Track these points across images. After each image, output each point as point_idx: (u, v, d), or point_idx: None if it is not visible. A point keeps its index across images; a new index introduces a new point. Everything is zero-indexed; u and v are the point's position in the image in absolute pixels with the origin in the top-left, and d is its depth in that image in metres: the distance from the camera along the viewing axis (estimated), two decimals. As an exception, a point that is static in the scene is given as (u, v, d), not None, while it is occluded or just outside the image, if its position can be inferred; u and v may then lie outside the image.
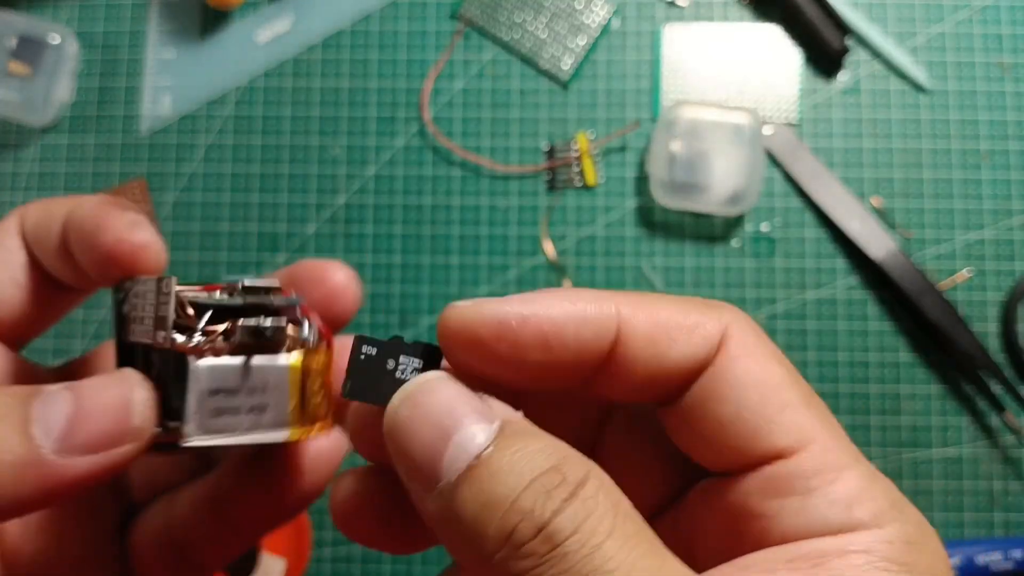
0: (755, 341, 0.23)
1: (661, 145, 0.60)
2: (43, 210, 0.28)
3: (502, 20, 0.65)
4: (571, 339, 0.22)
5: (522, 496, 0.20)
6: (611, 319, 0.22)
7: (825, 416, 0.23)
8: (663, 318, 0.23)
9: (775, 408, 0.22)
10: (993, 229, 0.61)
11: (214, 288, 0.25)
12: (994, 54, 0.63)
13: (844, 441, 0.23)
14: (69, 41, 0.64)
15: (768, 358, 0.23)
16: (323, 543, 0.61)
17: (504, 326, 0.22)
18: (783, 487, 0.22)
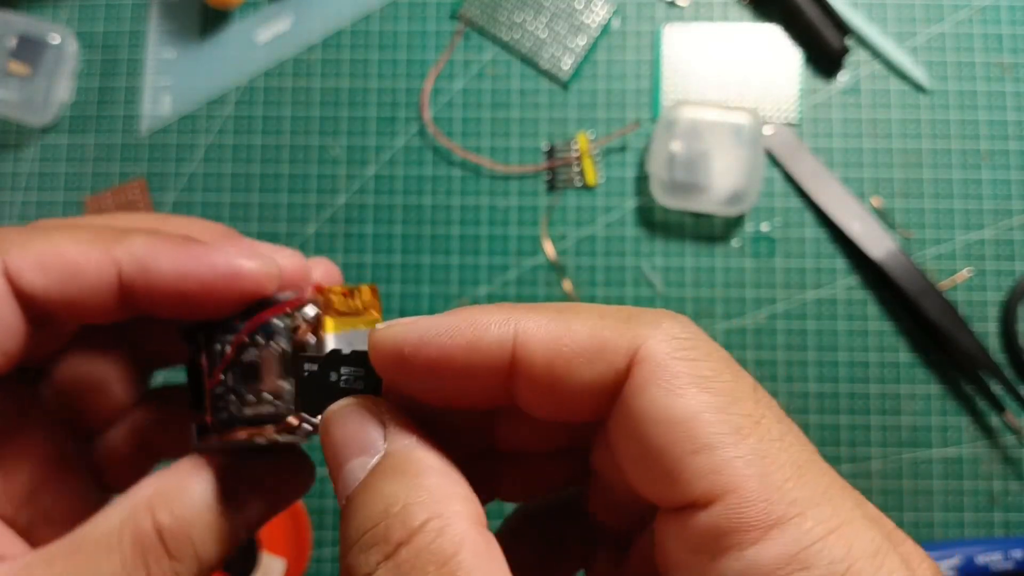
0: (673, 362, 0.20)
1: (661, 145, 0.60)
2: (57, 268, 0.24)
3: (502, 20, 0.65)
4: (460, 366, 0.22)
5: (351, 550, 0.20)
6: (504, 347, 0.21)
7: (764, 451, 0.19)
8: (566, 341, 0.21)
9: (685, 449, 0.19)
10: (993, 229, 0.61)
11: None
12: (994, 54, 0.63)
13: (787, 486, 0.18)
14: (69, 41, 0.64)
15: (686, 383, 0.19)
16: (323, 543, 0.61)
17: (397, 353, 0.22)
18: (702, 540, 0.19)
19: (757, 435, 0.19)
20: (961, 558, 0.57)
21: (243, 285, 0.25)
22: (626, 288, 0.62)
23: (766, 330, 0.61)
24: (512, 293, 0.62)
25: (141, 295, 0.24)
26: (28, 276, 0.24)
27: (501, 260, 0.63)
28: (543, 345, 0.21)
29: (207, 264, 0.24)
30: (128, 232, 0.25)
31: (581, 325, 0.21)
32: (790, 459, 0.19)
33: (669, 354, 0.20)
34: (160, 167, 0.65)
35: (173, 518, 0.24)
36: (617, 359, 0.20)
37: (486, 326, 0.21)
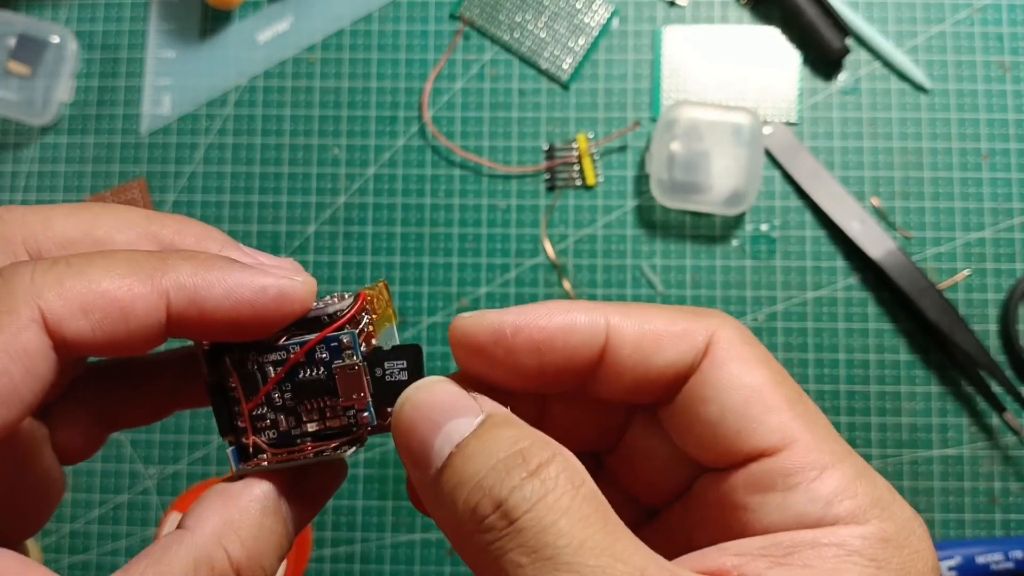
0: (742, 346, 0.25)
1: (661, 145, 0.60)
2: (100, 311, 0.22)
3: (502, 20, 0.65)
4: (560, 346, 0.24)
5: (486, 475, 0.21)
6: (599, 328, 0.24)
7: (811, 416, 0.24)
8: (651, 327, 0.25)
9: (759, 410, 0.24)
10: (993, 229, 0.61)
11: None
12: (994, 54, 0.63)
13: (830, 440, 0.24)
14: (69, 41, 0.65)
15: (754, 362, 0.24)
16: (323, 543, 0.61)
17: (500, 334, 0.24)
18: (765, 483, 0.23)
19: (802, 404, 0.24)
20: (961, 558, 0.57)
21: (292, 307, 0.25)
22: (626, 288, 0.62)
23: (766, 330, 0.61)
24: (512, 293, 0.62)
25: (191, 326, 0.24)
26: (71, 324, 0.22)
27: (501, 260, 0.63)
28: (633, 328, 0.25)
29: (257, 289, 0.24)
30: (169, 258, 0.24)
31: (661, 315, 0.25)
32: (824, 423, 0.24)
33: (739, 339, 0.25)
34: (160, 167, 0.65)
35: (245, 551, 0.24)
36: (698, 340, 0.25)
37: (580, 311, 0.25)
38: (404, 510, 0.61)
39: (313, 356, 0.25)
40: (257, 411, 0.26)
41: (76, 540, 0.62)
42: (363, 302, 0.26)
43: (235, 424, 0.26)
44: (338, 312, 0.25)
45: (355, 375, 0.25)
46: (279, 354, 0.25)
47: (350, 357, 0.25)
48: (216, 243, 0.27)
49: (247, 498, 0.24)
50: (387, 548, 0.61)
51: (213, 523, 0.24)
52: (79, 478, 0.63)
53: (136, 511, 0.62)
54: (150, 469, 0.63)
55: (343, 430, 0.26)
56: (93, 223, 0.25)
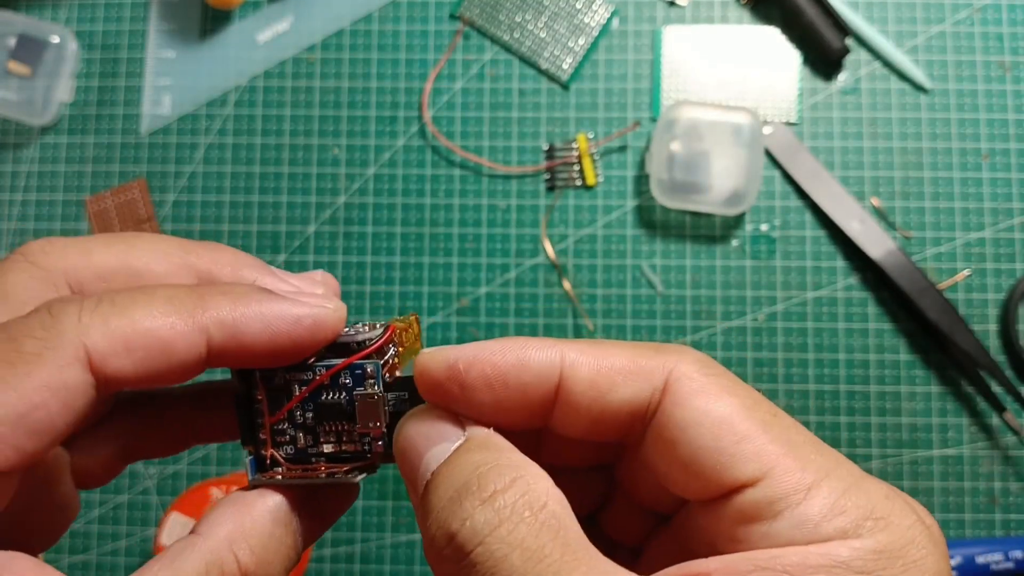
0: (703, 378, 0.24)
1: (661, 145, 0.60)
2: (142, 348, 0.23)
3: (502, 20, 0.65)
4: (513, 382, 0.24)
5: (444, 506, 0.22)
6: (553, 365, 0.24)
7: (789, 436, 0.23)
8: (607, 363, 0.24)
9: (730, 441, 0.23)
10: (993, 229, 0.61)
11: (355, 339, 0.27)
12: (994, 54, 0.63)
13: (814, 457, 0.23)
14: (69, 41, 0.65)
15: (719, 391, 0.24)
16: (323, 543, 0.61)
17: (453, 370, 0.24)
18: (751, 514, 0.22)
19: (778, 426, 0.23)
20: (961, 558, 0.57)
21: (325, 334, 0.25)
22: (626, 288, 0.62)
23: (766, 330, 0.61)
24: (512, 293, 0.62)
25: (230, 358, 0.25)
26: (114, 361, 0.23)
27: (501, 260, 0.63)
28: (587, 365, 0.24)
29: (293, 320, 0.25)
30: (207, 294, 0.24)
31: (618, 352, 0.24)
32: (806, 439, 0.23)
33: (699, 371, 0.24)
34: (160, 167, 0.65)
35: (255, 557, 0.24)
36: (654, 378, 0.24)
37: (534, 347, 0.24)
38: (404, 510, 0.61)
39: (337, 381, 0.26)
40: (278, 426, 0.27)
41: (76, 540, 0.62)
42: (391, 334, 0.27)
43: (256, 435, 0.27)
44: (366, 341, 0.26)
45: (373, 404, 0.26)
46: (306, 374, 0.26)
47: (371, 387, 0.26)
48: (251, 270, 0.28)
49: (260, 507, 0.25)
50: (387, 548, 0.61)
51: (226, 529, 0.24)
52: (79, 478, 0.63)
53: (136, 511, 0.62)
54: (150, 469, 0.63)
55: (356, 455, 0.27)
56: (129, 254, 0.26)
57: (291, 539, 0.25)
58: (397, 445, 0.25)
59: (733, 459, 0.23)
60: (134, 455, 0.29)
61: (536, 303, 0.62)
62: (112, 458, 0.29)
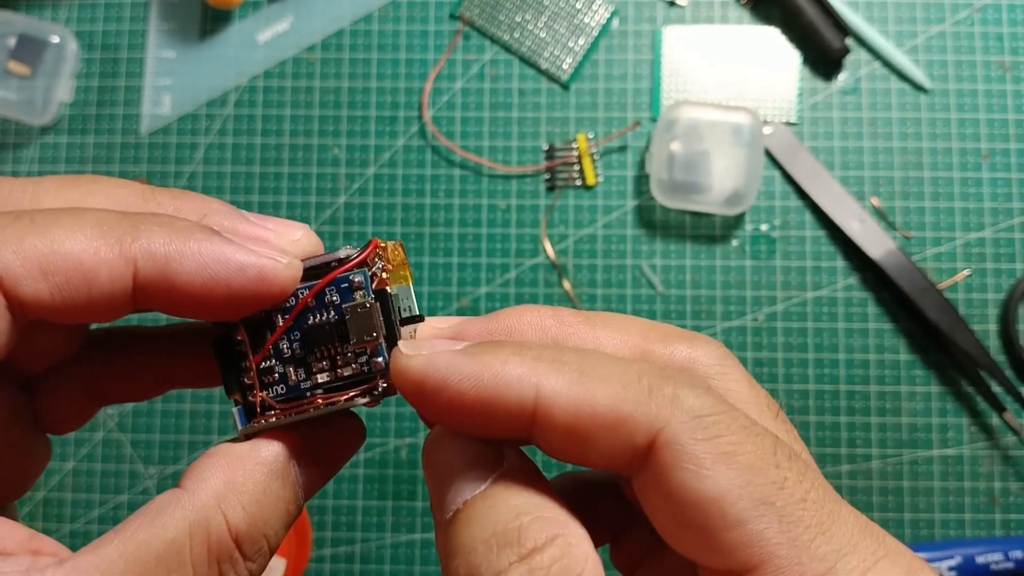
0: (696, 445, 0.20)
1: (661, 145, 0.60)
2: (62, 273, 0.21)
3: (502, 20, 0.65)
4: (479, 414, 0.22)
5: (476, 549, 0.20)
6: (524, 405, 0.21)
7: (792, 516, 0.20)
8: (588, 411, 0.21)
9: (718, 527, 0.20)
10: (993, 229, 0.61)
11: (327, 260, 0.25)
12: (994, 54, 0.63)
13: (814, 545, 0.20)
14: (69, 41, 0.65)
15: (713, 463, 0.20)
16: (323, 543, 0.61)
17: (421, 388, 0.22)
18: None
19: (782, 500, 0.20)
20: (961, 558, 0.57)
21: (270, 290, 0.23)
22: (626, 288, 0.62)
23: (766, 330, 0.61)
24: (512, 293, 0.62)
25: (157, 298, 0.22)
26: (28, 285, 0.20)
27: (501, 260, 0.63)
28: (563, 412, 0.21)
29: (235, 267, 0.22)
30: (142, 222, 0.22)
31: (603, 393, 0.21)
32: (815, 518, 0.20)
33: (691, 436, 0.20)
34: (160, 167, 0.65)
35: (247, 516, 0.22)
36: (637, 437, 0.21)
37: (508, 382, 0.21)
38: (404, 510, 0.61)
39: (323, 299, 0.24)
40: (264, 364, 0.25)
41: (76, 540, 0.62)
42: (375, 247, 0.25)
43: (241, 380, 0.25)
44: (349, 256, 0.24)
45: (367, 314, 0.24)
46: (288, 301, 0.24)
47: (361, 297, 0.24)
48: (220, 216, 0.24)
49: (253, 460, 0.23)
50: (387, 548, 0.61)
51: (213, 484, 0.22)
52: (79, 478, 0.63)
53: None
54: (150, 469, 0.63)
55: (356, 379, 0.24)
56: (83, 201, 0.23)
57: (290, 492, 0.23)
58: (432, 456, 0.23)
59: (719, 546, 0.20)
60: (104, 398, 0.27)
61: (536, 303, 0.62)
62: (80, 401, 0.27)
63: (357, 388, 0.24)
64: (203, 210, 0.24)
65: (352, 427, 0.26)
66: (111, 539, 0.21)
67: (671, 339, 0.24)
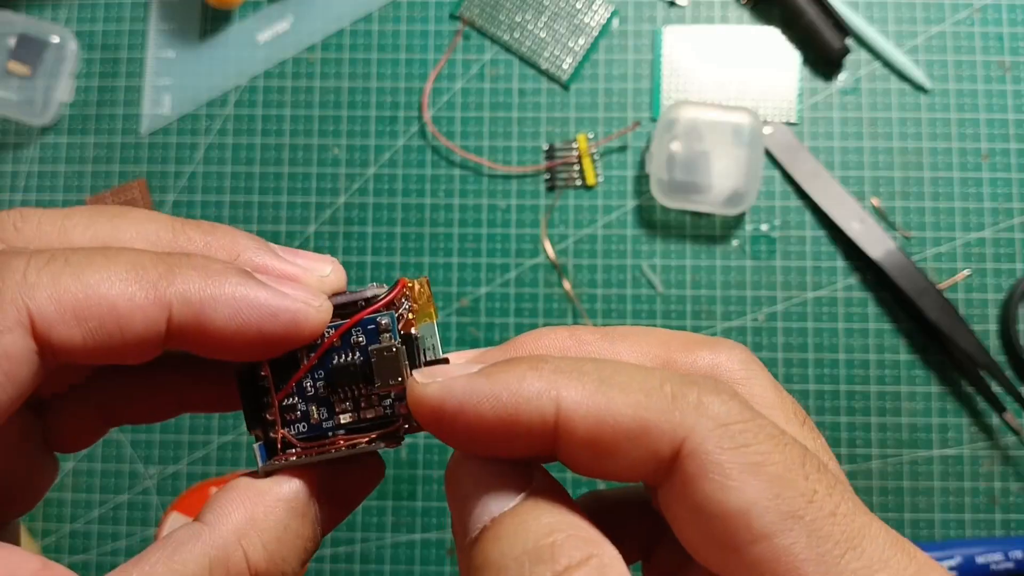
0: (722, 454, 0.20)
1: (661, 145, 0.60)
2: (95, 318, 0.20)
3: (502, 20, 0.65)
4: (500, 435, 0.21)
5: (508, 567, 0.19)
6: (545, 421, 0.21)
7: (821, 532, 0.20)
8: (609, 422, 0.20)
9: (744, 539, 0.20)
10: (993, 229, 0.61)
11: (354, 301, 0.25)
12: (994, 54, 0.63)
13: (842, 563, 0.19)
14: (69, 41, 0.65)
15: (740, 473, 0.20)
16: (323, 543, 0.61)
17: (440, 415, 0.22)
18: None
19: (811, 514, 0.20)
20: (961, 558, 0.57)
21: (301, 335, 0.23)
22: (626, 288, 0.62)
23: (766, 330, 0.61)
24: (512, 293, 0.62)
25: (191, 342, 0.22)
26: (61, 330, 0.20)
27: (501, 260, 0.63)
28: (585, 424, 0.21)
29: (268, 314, 0.22)
30: (177, 265, 0.22)
31: (624, 402, 0.21)
32: (844, 533, 0.20)
33: (717, 445, 0.20)
34: (160, 167, 0.65)
35: (267, 553, 0.22)
36: (661, 447, 0.20)
37: (527, 397, 0.21)
38: (404, 510, 0.61)
39: (348, 340, 0.24)
40: (287, 401, 0.24)
41: (76, 540, 0.62)
42: (403, 288, 0.24)
43: (263, 416, 0.24)
44: (376, 296, 0.24)
45: (393, 358, 0.23)
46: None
47: (388, 340, 0.24)
48: (247, 252, 0.24)
49: (273, 496, 0.23)
50: (387, 548, 0.61)
51: (235, 520, 0.22)
52: (79, 478, 0.63)
53: (136, 511, 0.62)
54: (150, 469, 0.63)
55: (379, 421, 0.24)
56: (113, 235, 0.23)
57: (308, 530, 0.23)
58: (449, 477, 0.22)
59: (745, 559, 0.20)
60: (116, 419, 0.27)
61: (536, 303, 0.62)
62: (92, 421, 0.26)
63: (380, 430, 0.24)
64: (234, 247, 0.24)
65: (373, 466, 0.26)
66: (129, 572, 0.21)
67: (693, 346, 0.24)
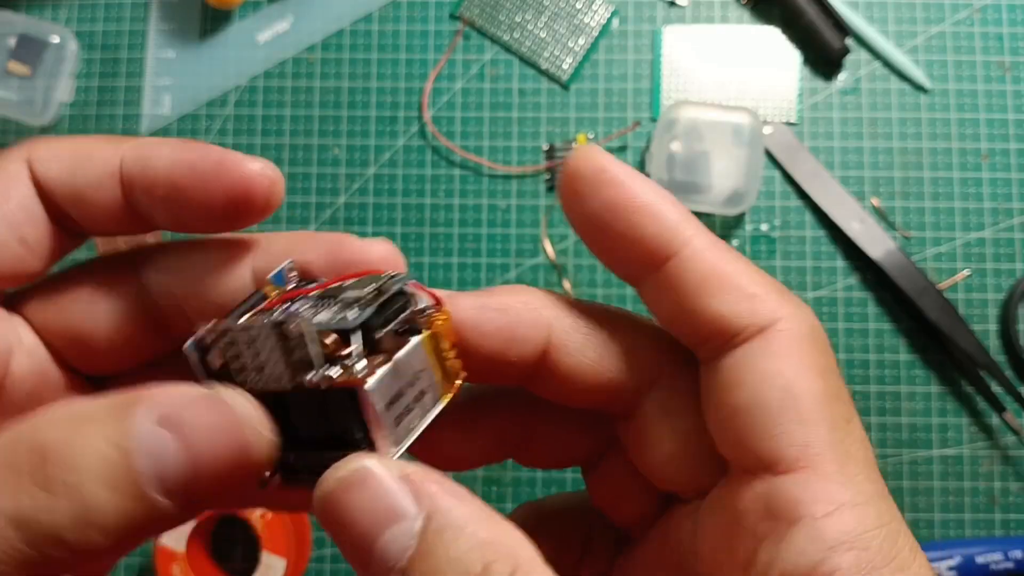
0: (804, 344, 0.22)
1: (661, 145, 0.60)
2: (70, 155, 0.25)
3: (502, 20, 0.65)
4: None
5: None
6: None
7: (847, 446, 0.21)
8: (725, 266, 0.25)
9: (791, 417, 0.21)
10: (993, 229, 0.61)
11: (306, 292, 0.24)
12: (994, 54, 0.63)
13: (861, 478, 0.20)
14: (69, 41, 0.65)
15: (811, 369, 0.21)
16: (323, 543, 0.61)
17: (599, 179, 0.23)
18: (773, 506, 0.20)
19: (845, 431, 0.21)
20: (961, 558, 0.57)
21: (230, 178, 0.25)
22: (626, 288, 0.62)
23: (766, 330, 0.61)
24: (512, 293, 0.62)
25: (138, 186, 0.24)
26: (45, 166, 0.24)
27: (501, 260, 0.63)
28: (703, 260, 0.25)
29: (200, 151, 0.24)
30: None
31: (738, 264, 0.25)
32: (864, 458, 0.21)
33: (807, 336, 0.22)
34: (160, 167, 0.65)
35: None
36: (761, 311, 0.23)
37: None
38: (404, 510, 0.61)
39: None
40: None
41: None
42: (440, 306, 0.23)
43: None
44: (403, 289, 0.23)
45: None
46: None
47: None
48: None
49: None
50: (387, 548, 0.61)
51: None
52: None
53: (136, 511, 0.62)
54: (150, 469, 0.63)
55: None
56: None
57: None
58: (337, 516, 0.19)
59: (783, 434, 0.20)
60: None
61: (536, 303, 0.62)
62: None
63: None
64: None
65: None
66: None
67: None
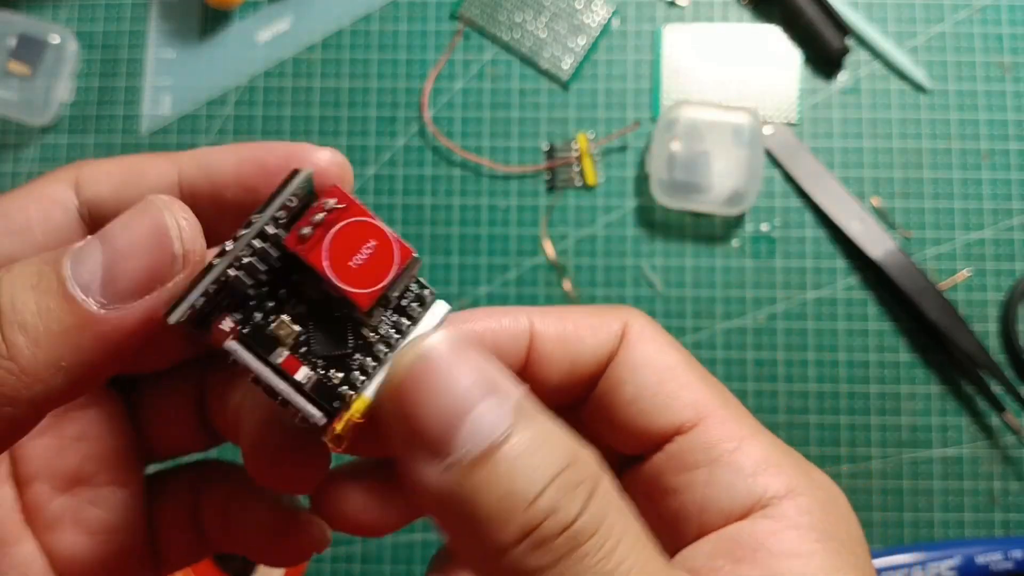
0: (652, 331, 0.26)
1: (661, 145, 0.60)
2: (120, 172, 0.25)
3: (502, 20, 0.65)
4: (489, 346, 0.25)
5: (546, 492, 0.19)
6: (523, 329, 0.26)
7: (722, 393, 0.25)
8: (571, 321, 0.26)
9: (672, 387, 0.25)
10: (993, 229, 0.61)
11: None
12: (994, 54, 0.63)
13: (743, 415, 0.25)
14: (69, 41, 0.65)
15: (666, 345, 0.26)
16: (323, 543, 0.61)
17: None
18: (688, 460, 0.24)
19: (714, 385, 0.25)
20: (961, 558, 0.57)
21: (298, 163, 0.23)
22: (626, 288, 0.62)
23: (766, 330, 0.61)
24: (512, 293, 0.62)
25: (204, 195, 0.25)
26: (94, 186, 0.25)
27: (501, 260, 0.63)
28: (557, 325, 0.26)
29: (264, 148, 0.25)
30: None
31: (575, 312, 0.27)
32: (735, 402, 0.25)
33: (650, 325, 0.26)
34: (160, 167, 0.65)
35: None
36: (614, 328, 0.26)
37: (500, 314, 0.26)
38: (404, 510, 0.61)
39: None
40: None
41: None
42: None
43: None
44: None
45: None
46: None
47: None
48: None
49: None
50: (387, 548, 0.61)
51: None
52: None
53: (136, 511, 0.62)
54: (150, 468, 0.63)
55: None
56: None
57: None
58: (408, 380, 0.20)
59: (673, 402, 0.24)
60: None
61: (536, 303, 0.62)
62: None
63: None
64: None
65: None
66: None
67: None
